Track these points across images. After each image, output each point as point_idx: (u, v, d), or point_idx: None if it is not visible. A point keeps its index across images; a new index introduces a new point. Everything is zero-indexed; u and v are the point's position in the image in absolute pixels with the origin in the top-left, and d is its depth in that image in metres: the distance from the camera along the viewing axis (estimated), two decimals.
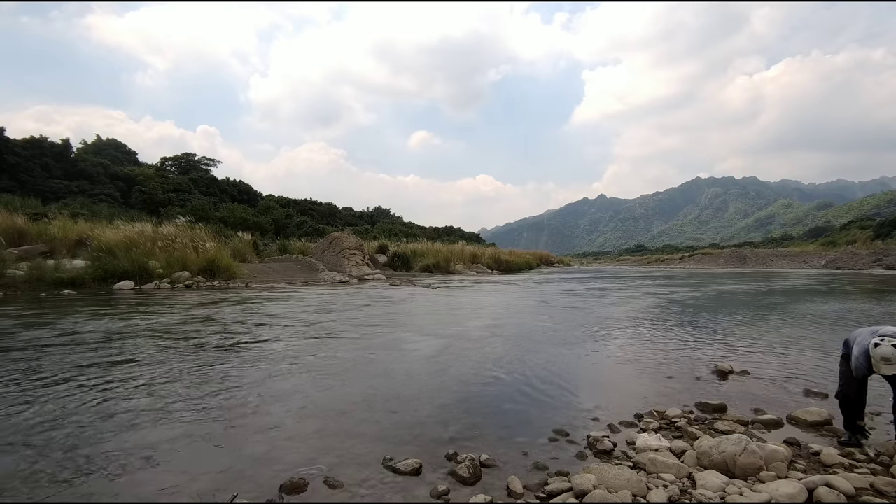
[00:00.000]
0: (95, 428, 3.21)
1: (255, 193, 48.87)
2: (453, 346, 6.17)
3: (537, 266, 42.47)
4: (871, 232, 52.69)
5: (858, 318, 9.23)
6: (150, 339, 6.24)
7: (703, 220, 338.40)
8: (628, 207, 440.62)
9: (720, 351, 6.09)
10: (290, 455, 2.86)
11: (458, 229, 63.94)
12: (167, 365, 4.92)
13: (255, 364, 5.07)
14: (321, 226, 40.37)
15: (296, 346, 6.01)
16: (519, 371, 4.95)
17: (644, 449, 2.97)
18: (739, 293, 15.56)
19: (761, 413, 3.72)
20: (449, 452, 2.88)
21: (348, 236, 24.26)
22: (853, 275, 28.91)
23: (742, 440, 2.73)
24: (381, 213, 62.63)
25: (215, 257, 16.26)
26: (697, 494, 2.39)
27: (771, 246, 74.78)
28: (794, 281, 22.30)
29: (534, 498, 2.45)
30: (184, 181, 41.15)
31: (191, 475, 2.59)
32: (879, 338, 2.79)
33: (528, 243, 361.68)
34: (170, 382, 4.31)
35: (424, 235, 40.66)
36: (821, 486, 2.37)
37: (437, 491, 2.45)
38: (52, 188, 31.26)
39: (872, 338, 2.83)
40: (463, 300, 12.78)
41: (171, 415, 3.49)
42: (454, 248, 31.51)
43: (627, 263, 74.90)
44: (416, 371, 4.93)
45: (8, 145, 30.92)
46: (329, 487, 2.49)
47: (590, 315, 9.70)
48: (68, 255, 14.98)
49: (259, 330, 7.19)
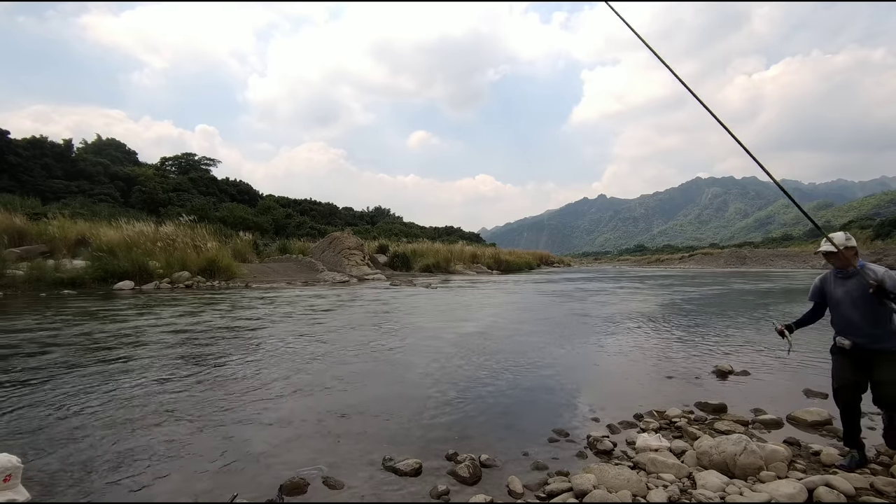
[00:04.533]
0: (95, 429, 3.21)
1: (255, 193, 48.87)
2: (453, 347, 6.17)
3: (537, 266, 42.46)
4: (871, 232, 52.70)
5: None
6: (151, 340, 6.24)
7: (703, 220, 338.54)
8: (628, 207, 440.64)
9: (720, 351, 6.09)
10: (290, 455, 2.86)
11: (458, 229, 63.93)
12: (167, 365, 4.93)
13: (254, 364, 5.07)
14: (321, 226, 40.37)
15: (295, 347, 6.01)
16: (519, 371, 4.95)
17: (644, 449, 2.97)
18: (739, 293, 15.55)
19: (761, 413, 3.72)
20: (449, 452, 2.88)
21: (348, 236, 24.27)
22: None
23: (742, 440, 2.73)
24: (381, 213, 62.63)
25: (215, 257, 16.26)
26: (697, 494, 2.39)
27: (771, 246, 74.79)
28: (795, 281, 22.29)
29: (534, 498, 2.45)
30: (183, 181, 41.14)
31: (191, 475, 2.59)
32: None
33: (528, 243, 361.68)
34: (170, 382, 4.31)
35: (424, 235, 40.66)
36: (821, 486, 2.38)
37: (437, 491, 2.45)
38: (53, 188, 31.26)
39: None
40: (463, 300, 12.78)
41: (171, 415, 3.49)
42: (454, 248, 31.52)
43: (627, 263, 74.89)
44: (415, 371, 4.93)
45: (10, 146, 30.92)
46: (329, 487, 2.49)
47: (589, 315, 9.70)
48: (68, 254, 14.99)
49: (258, 330, 7.19)
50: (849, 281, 2.77)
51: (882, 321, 2.66)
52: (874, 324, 2.68)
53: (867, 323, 2.69)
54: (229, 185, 46.92)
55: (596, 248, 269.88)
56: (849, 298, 2.75)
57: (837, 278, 2.86)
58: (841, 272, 2.83)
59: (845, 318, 2.79)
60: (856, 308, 2.72)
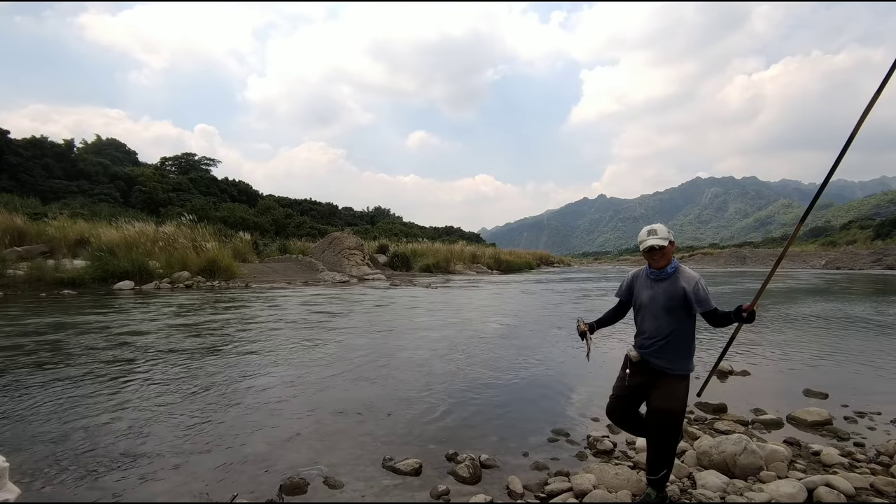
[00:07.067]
0: (93, 429, 3.21)
1: (255, 193, 48.88)
2: (453, 347, 6.17)
3: (537, 266, 42.46)
4: (871, 232, 52.74)
5: (857, 319, 9.23)
6: (150, 340, 6.23)
7: (703, 220, 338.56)
8: (628, 207, 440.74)
9: (720, 351, 6.09)
10: (290, 455, 2.86)
11: (458, 229, 63.94)
12: (167, 365, 4.92)
13: (253, 365, 5.07)
14: (321, 226, 40.38)
15: (295, 347, 6.01)
16: (519, 371, 4.95)
17: (644, 449, 2.97)
18: (739, 293, 15.55)
19: (761, 413, 3.72)
20: (449, 452, 2.88)
21: (348, 236, 24.26)
22: (853, 275, 28.91)
23: (742, 440, 2.73)
24: (381, 213, 62.63)
25: (216, 257, 16.26)
26: (697, 494, 2.39)
27: (771, 246, 74.85)
28: (795, 281, 22.29)
29: (534, 498, 2.45)
30: (183, 181, 41.14)
31: (191, 475, 2.59)
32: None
33: (528, 243, 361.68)
34: (169, 382, 4.31)
35: (424, 235, 40.64)
36: (821, 486, 2.37)
37: (437, 491, 2.45)
38: (53, 188, 31.28)
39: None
40: (463, 300, 12.77)
41: (171, 415, 3.49)
42: (454, 248, 31.50)
43: (628, 263, 74.86)
44: (415, 371, 4.93)
45: (10, 145, 30.92)
46: (329, 487, 2.49)
47: (589, 315, 9.69)
48: (68, 254, 14.99)
49: (258, 331, 7.19)
50: (660, 284, 2.33)
51: (680, 336, 2.28)
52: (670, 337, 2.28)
53: (660, 335, 2.29)
54: (229, 185, 46.94)
55: (596, 248, 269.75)
56: (655, 304, 2.32)
57: (650, 279, 2.39)
58: (655, 273, 2.35)
59: (645, 325, 2.37)
60: (655, 318, 2.31)
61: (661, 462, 2.24)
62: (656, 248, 2.27)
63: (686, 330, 2.29)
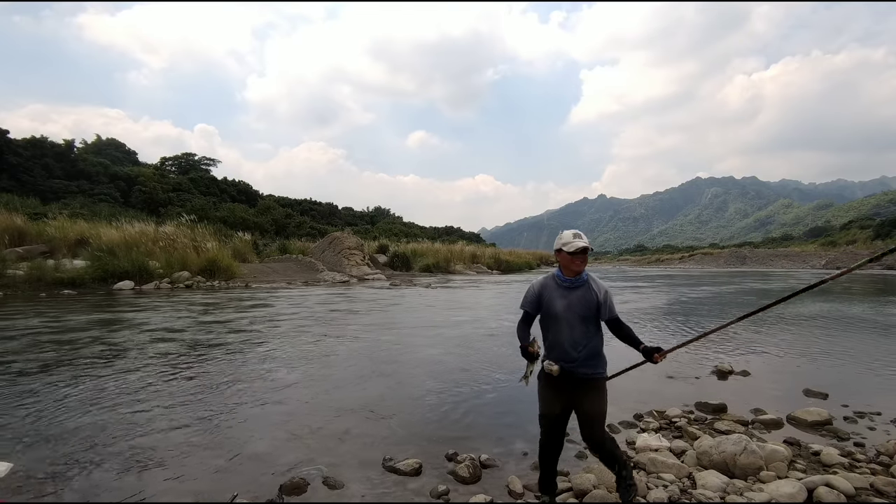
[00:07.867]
0: (94, 429, 3.21)
1: (255, 193, 48.87)
2: (453, 348, 6.17)
3: (537, 266, 42.45)
4: (871, 232, 52.73)
5: (857, 319, 9.22)
6: (151, 339, 6.23)
7: (703, 220, 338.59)
8: (628, 207, 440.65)
9: (720, 351, 6.09)
10: (290, 455, 2.86)
11: (458, 229, 63.92)
12: (166, 365, 4.92)
13: (252, 365, 5.07)
14: (321, 226, 40.37)
15: (295, 348, 6.01)
16: (520, 371, 4.94)
17: (644, 449, 2.97)
18: (739, 293, 15.55)
19: (761, 413, 3.72)
20: (449, 452, 2.88)
21: (348, 236, 24.26)
22: (853, 275, 28.89)
23: (742, 440, 2.73)
24: (381, 213, 62.62)
25: (216, 257, 16.27)
26: (697, 494, 2.39)
27: (771, 246, 74.86)
28: (795, 281, 22.28)
29: (534, 498, 2.45)
30: (183, 181, 41.13)
31: (191, 474, 2.59)
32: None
33: (528, 243, 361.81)
34: (169, 382, 4.31)
35: (424, 235, 40.66)
36: (821, 486, 2.37)
37: (437, 491, 2.45)
38: (53, 188, 31.27)
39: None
40: (463, 300, 12.77)
41: (171, 415, 3.49)
42: (454, 248, 31.52)
43: (627, 263, 74.91)
44: (415, 372, 4.93)
45: (10, 145, 30.91)
46: (329, 487, 2.49)
47: None
48: (68, 254, 14.99)
49: (258, 331, 7.19)
50: (574, 292, 2.27)
51: (597, 342, 2.29)
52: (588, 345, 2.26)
53: (581, 344, 2.25)
54: (229, 185, 46.93)
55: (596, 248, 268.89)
56: (572, 314, 2.25)
57: (562, 287, 2.30)
58: (569, 280, 2.28)
59: (562, 336, 2.29)
60: (574, 327, 2.26)
61: (619, 459, 2.31)
62: (589, 249, 2.26)
63: (600, 335, 2.33)
